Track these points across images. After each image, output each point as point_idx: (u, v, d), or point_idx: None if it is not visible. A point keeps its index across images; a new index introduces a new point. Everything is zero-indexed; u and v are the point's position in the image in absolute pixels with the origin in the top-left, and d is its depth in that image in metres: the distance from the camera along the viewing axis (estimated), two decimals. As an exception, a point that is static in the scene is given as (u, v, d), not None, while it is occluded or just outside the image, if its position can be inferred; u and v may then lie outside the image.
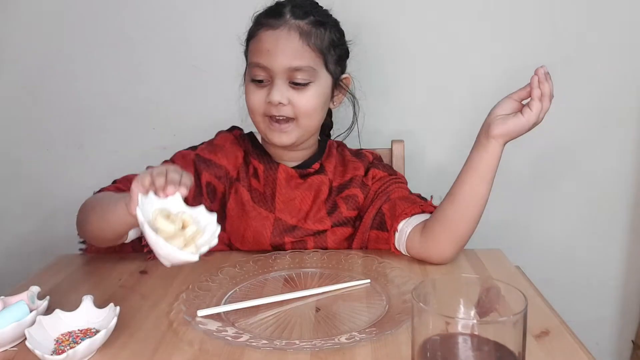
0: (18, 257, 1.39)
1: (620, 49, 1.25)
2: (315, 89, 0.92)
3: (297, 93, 0.91)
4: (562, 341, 0.64)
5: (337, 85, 0.98)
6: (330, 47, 0.94)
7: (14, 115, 1.34)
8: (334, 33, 0.96)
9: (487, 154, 0.83)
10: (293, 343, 0.63)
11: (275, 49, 0.90)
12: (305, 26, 0.91)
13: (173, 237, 0.65)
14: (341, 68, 0.99)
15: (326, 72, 0.94)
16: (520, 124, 0.81)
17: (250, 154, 1.01)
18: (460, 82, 1.28)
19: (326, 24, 0.94)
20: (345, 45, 0.99)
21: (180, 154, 0.99)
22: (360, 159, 1.01)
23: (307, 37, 0.91)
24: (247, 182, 0.98)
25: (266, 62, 0.90)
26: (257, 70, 0.92)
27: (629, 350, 1.41)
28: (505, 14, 1.25)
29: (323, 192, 0.98)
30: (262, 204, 0.97)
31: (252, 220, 0.96)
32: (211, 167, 0.97)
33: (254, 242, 0.96)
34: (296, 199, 0.97)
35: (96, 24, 1.29)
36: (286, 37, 0.90)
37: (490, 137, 0.82)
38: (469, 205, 0.85)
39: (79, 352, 0.59)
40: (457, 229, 0.86)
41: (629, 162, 1.31)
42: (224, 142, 1.01)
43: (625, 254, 1.36)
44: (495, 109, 0.84)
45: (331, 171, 1.00)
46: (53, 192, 1.37)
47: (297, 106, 0.91)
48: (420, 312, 0.46)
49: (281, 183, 0.97)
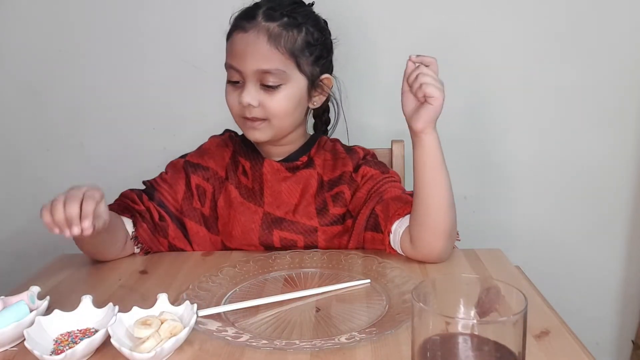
0: (18, 257, 1.39)
1: (620, 48, 1.25)
2: (287, 92, 0.93)
3: (268, 95, 0.92)
4: (562, 341, 0.64)
5: (316, 85, 0.98)
6: (304, 49, 0.93)
7: (14, 115, 1.34)
8: (311, 34, 0.94)
9: (425, 147, 0.84)
10: (293, 343, 0.63)
11: (245, 52, 0.91)
12: (275, 29, 0.91)
13: (149, 339, 0.62)
14: (320, 68, 0.97)
15: (299, 74, 0.94)
16: (432, 110, 0.81)
17: (238, 152, 1.02)
18: (460, 81, 1.28)
19: (301, 24, 0.93)
20: (325, 45, 0.98)
21: (171, 163, 1.03)
22: (351, 155, 1.01)
23: (276, 41, 0.91)
24: (235, 180, 1.00)
25: (237, 64, 0.92)
26: (232, 72, 0.93)
27: (629, 350, 1.41)
28: (502, 10, 1.25)
29: (312, 185, 0.98)
30: (251, 199, 0.98)
31: (240, 215, 0.97)
32: (199, 170, 1.00)
33: (242, 237, 0.97)
34: (283, 192, 0.98)
35: (96, 24, 1.29)
36: (254, 41, 0.91)
37: (418, 133, 0.83)
38: (434, 195, 0.85)
39: (77, 352, 0.59)
40: (433, 221, 0.85)
41: (629, 162, 1.31)
42: (210, 146, 1.05)
43: (625, 253, 1.36)
44: (403, 109, 0.85)
45: (320, 165, 1.00)
46: (53, 192, 1.37)
47: (268, 108, 0.92)
48: (420, 312, 0.46)
49: (267, 177, 0.99)
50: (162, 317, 0.65)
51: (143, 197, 0.97)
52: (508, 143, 1.31)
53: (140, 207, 0.96)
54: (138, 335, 0.63)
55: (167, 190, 0.99)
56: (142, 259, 0.94)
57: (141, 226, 0.94)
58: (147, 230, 0.95)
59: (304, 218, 0.97)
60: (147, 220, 0.95)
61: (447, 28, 1.26)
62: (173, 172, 1.01)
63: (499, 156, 1.32)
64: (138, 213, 0.95)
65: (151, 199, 0.97)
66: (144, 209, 0.96)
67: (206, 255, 0.96)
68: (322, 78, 0.98)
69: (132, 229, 0.94)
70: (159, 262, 0.93)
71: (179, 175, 1.00)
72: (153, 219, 0.96)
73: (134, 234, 0.94)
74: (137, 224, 0.94)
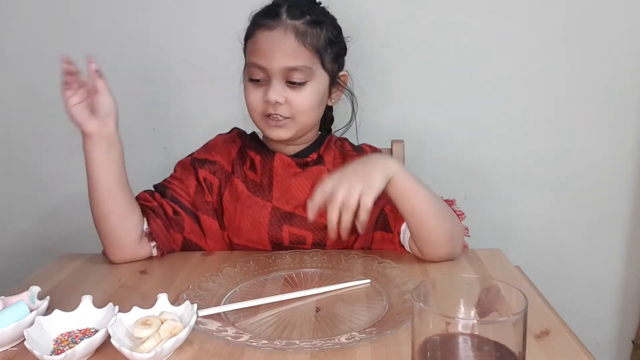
0: (18, 257, 1.39)
1: (620, 48, 1.25)
2: (312, 88, 0.93)
3: (294, 92, 0.92)
4: (562, 341, 0.64)
5: (335, 82, 0.99)
6: (326, 46, 0.95)
7: (14, 115, 1.34)
8: (331, 31, 0.96)
9: (393, 188, 0.82)
10: (293, 343, 0.63)
11: (272, 50, 0.91)
12: (301, 26, 0.92)
13: (149, 339, 0.62)
14: (338, 65, 1.00)
15: (323, 71, 0.95)
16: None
17: (247, 147, 1.02)
18: (460, 81, 1.28)
19: (323, 22, 0.95)
20: (342, 43, 1.00)
21: (179, 163, 1.03)
22: (359, 154, 1.01)
23: (303, 37, 0.92)
24: (242, 174, 1.00)
25: (263, 62, 0.91)
26: (255, 70, 0.93)
27: (629, 350, 1.41)
28: (505, 11, 1.25)
29: None
30: (258, 193, 0.98)
31: (248, 209, 0.97)
32: (206, 164, 1.01)
33: (252, 231, 0.97)
34: (293, 187, 0.98)
35: (96, 24, 1.29)
36: (282, 38, 0.91)
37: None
38: (422, 221, 0.84)
39: (77, 352, 0.59)
40: (429, 238, 0.86)
41: (629, 162, 1.31)
42: (217, 142, 1.05)
43: (625, 253, 1.36)
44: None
45: (330, 162, 1.01)
46: (53, 192, 1.37)
47: (294, 105, 0.93)
48: (420, 312, 0.46)
49: (277, 171, 0.99)
50: (162, 317, 0.65)
51: (155, 195, 0.97)
52: (508, 143, 1.31)
53: (152, 203, 0.95)
54: (138, 335, 0.63)
55: (178, 186, 0.98)
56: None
57: (155, 222, 0.93)
58: (161, 226, 0.94)
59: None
60: (160, 216, 0.94)
61: (449, 27, 1.26)
62: (182, 169, 1.01)
63: (498, 156, 1.32)
64: (151, 210, 0.94)
65: (163, 196, 0.97)
66: (157, 205, 0.95)
67: (206, 255, 0.96)
68: (340, 75, 1.00)
69: (146, 225, 0.93)
70: (159, 262, 0.93)
71: (189, 172, 1.00)
72: (167, 214, 0.95)
73: (148, 229, 0.93)
74: (151, 220, 0.93)
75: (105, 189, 0.87)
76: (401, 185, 0.82)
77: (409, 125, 1.29)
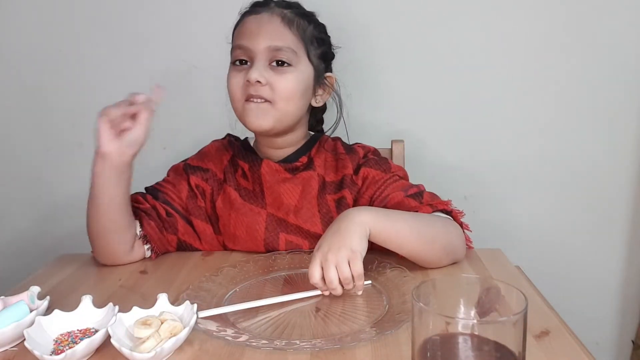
0: (18, 257, 1.39)
1: (620, 48, 1.25)
2: (296, 74, 0.92)
3: (276, 75, 0.91)
4: (562, 341, 0.64)
5: (320, 82, 0.99)
6: (312, 39, 0.96)
7: (14, 115, 1.34)
8: (317, 30, 0.98)
9: (376, 240, 0.81)
10: (293, 343, 0.63)
11: (258, 30, 0.92)
12: (288, 13, 0.94)
13: (149, 339, 0.62)
14: (325, 65, 1.00)
15: (308, 62, 0.95)
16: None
17: (237, 155, 1.02)
18: (460, 81, 1.28)
19: (310, 17, 0.97)
20: (329, 46, 1.01)
21: (172, 167, 1.03)
22: (351, 155, 1.00)
23: (289, 22, 0.93)
24: (234, 182, 0.99)
25: (247, 42, 0.91)
26: (239, 52, 0.93)
27: (629, 350, 1.41)
28: (501, 10, 1.25)
29: (312, 187, 0.97)
30: (252, 200, 0.98)
31: (243, 216, 0.96)
32: (198, 171, 1.00)
33: (248, 239, 0.96)
34: (282, 193, 0.97)
35: (96, 24, 1.29)
36: (268, 19, 0.92)
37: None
38: (413, 252, 0.84)
39: (77, 352, 0.59)
40: (422, 262, 0.85)
41: (628, 162, 1.30)
42: (210, 149, 1.05)
43: (625, 253, 1.36)
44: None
45: (321, 165, 0.99)
46: (53, 192, 1.37)
47: (275, 88, 0.91)
48: (420, 312, 0.46)
49: (266, 178, 0.98)
50: (162, 317, 0.65)
51: (147, 197, 0.96)
52: (508, 143, 1.31)
53: (145, 205, 0.95)
54: (138, 335, 0.63)
55: (171, 189, 0.98)
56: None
57: (148, 224, 0.93)
58: (155, 228, 0.93)
59: (307, 224, 0.96)
60: (153, 218, 0.94)
61: (447, 28, 1.26)
62: (175, 174, 1.01)
63: (498, 156, 1.32)
64: (143, 212, 0.94)
65: (156, 198, 0.97)
66: (150, 207, 0.95)
67: (206, 255, 0.96)
68: (326, 76, 1.00)
69: (139, 229, 0.93)
70: (159, 262, 0.93)
71: (181, 177, 1.00)
72: (160, 216, 0.95)
73: (142, 232, 0.92)
74: (144, 222, 0.93)
75: (106, 210, 0.86)
76: (380, 233, 0.80)
77: (409, 125, 1.29)
